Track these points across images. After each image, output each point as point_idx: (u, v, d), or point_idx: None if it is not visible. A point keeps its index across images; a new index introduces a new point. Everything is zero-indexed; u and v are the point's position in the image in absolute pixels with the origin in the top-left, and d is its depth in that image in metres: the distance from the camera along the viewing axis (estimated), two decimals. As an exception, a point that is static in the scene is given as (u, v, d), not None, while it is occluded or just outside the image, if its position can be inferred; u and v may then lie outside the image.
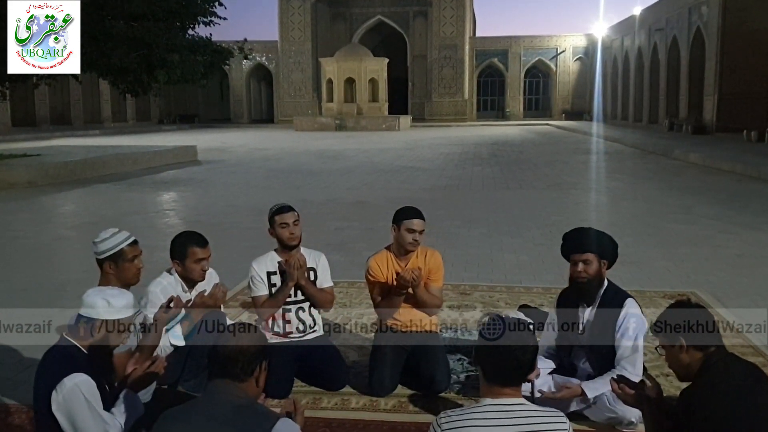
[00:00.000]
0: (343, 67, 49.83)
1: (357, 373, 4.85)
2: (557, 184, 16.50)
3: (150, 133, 45.13)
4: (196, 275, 4.27)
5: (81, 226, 11.50)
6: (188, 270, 4.25)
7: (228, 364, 2.52)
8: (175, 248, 4.28)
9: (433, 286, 4.72)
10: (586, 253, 4.11)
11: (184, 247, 4.24)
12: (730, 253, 8.90)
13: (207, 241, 4.33)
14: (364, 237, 10.00)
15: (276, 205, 4.74)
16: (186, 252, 4.22)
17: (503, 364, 2.53)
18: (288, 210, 4.66)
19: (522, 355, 2.53)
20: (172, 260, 4.31)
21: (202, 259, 4.24)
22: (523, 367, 2.56)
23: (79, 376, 2.92)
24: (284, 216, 4.63)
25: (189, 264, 4.23)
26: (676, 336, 3.05)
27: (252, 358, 2.55)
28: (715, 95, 33.86)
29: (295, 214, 4.68)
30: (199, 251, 4.23)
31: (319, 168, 21.03)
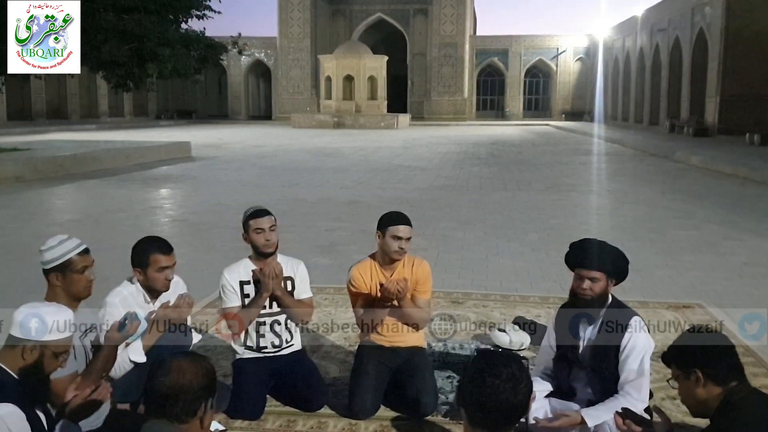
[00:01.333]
0: (342, 64, 49.44)
1: (337, 391, 4.46)
2: (556, 186, 16.12)
3: (146, 129, 44.75)
4: (159, 285, 3.88)
5: (64, 224, 11.11)
6: (151, 279, 3.86)
7: (167, 402, 2.14)
8: (136, 255, 3.89)
9: (420, 299, 4.33)
10: (595, 272, 3.71)
11: (146, 254, 3.85)
12: (737, 261, 8.53)
13: (171, 248, 3.94)
14: (356, 239, 9.60)
15: (251, 209, 4.33)
16: (148, 259, 3.83)
17: (491, 406, 2.13)
18: (264, 214, 4.26)
19: (513, 396, 2.14)
20: (133, 268, 3.92)
21: (165, 268, 3.85)
22: (514, 411, 2.16)
23: (5, 407, 2.53)
24: (259, 221, 4.23)
25: (151, 273, 3.84)
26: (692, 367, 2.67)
27: (196, 395, 2.17)
28: (717, 97, 33.48)
29: (271, 219, 4.28)
30: (162, 258, 3.84)
31: (314, 166, 20.64)
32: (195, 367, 2.21)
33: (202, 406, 2.19)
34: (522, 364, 2.23)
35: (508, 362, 2.18)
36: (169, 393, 2.14)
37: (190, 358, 2.27)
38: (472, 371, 2.18)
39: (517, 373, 2.16)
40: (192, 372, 2.19)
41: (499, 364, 2.16)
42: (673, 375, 2.79)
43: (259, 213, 4.26)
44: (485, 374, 2.14)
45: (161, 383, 2.15)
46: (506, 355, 2.29)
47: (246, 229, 4.27)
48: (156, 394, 2.15)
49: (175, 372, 2.17)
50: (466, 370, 2.25)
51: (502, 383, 2.12)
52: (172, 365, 2.19)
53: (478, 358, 2.26)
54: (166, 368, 2.19)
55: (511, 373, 2.14)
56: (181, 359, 2.23)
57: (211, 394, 2.23)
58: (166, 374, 2.16)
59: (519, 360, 2.27)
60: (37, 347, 2.66)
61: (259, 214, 4.24)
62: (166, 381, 2.15)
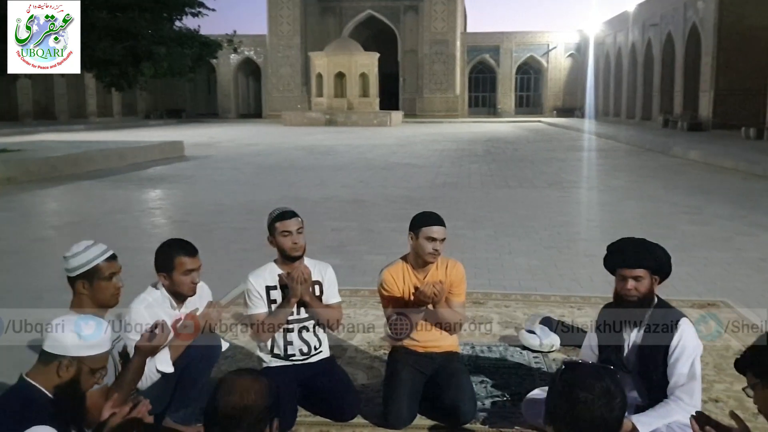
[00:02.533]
0: (333, 61, 49.23)
1: (368, 399, 4.28)
2: (558, 183, 15.98)
3: (136, 128, 44.36)
4: (185, 289, 3.71)
5: (62, 227, 10.88)
6: (176, 283, 3.68)
7: (230, 425, 1.96)
8: (161, 259, 3.71)
9: (454, 302, 4.16)
10: (638, 269, 3.55)
11: (171, 257, 3.67)
12: (753, 256, 8.40)
13: (197, 250, 3.77)
14: (365, 239, 9.43)
15: (276, 210, 4.13)
16: (173, 263, 3.66)
17: (584, 424, 1.96)
18: (291, 216, 4.06)
19: (608, 412, 1.96)
20: (157, 273, 3.74)
21: (191, 270, 3.68)
22: (608, 429, 1.99)
23: (41, 429, 2.34)
24: (286, 223, 4.03)
25: (177, 276, 3.67)
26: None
27: (261, 415, 1.99)
28: (711, 91, 33.48)
29: (298, 221, 4.08)
30: (188, 261, 3.67)
31: (311, 164, 20.44)
32: (259, 385, 2.03)
33: (267, 427, 2.02)
34: (615, 378, 2.06)
35: (601, 375, 2.01)
36: (233, 414, 1.96)
37: (253, 375, 2.09)
38: (561, 385, 2.01)
39: (611, 387, 1.99)
40: (256, 391, 2.01)
41: (591, 378, 1.99)
42: (749, 383, 2.62)
43: (286, 215, 4.06)
44: (576, 389, 1.97)
45: (225, 403, 1.97)
46: (597, 367, 2.12)
47: (272, 231, 4.07)
48: (219, 415, 1.97)
49: (238, 391, 1.99)
50: (552, 383, 2.08)
51: (596, 398, 1.96)
52: (236, 384, 2.01)
53: (567, 370, 2.08)
54: (229, 387, 2.00)
55: (605, 388, 1.97)
56: (244, 377, 2.05)
57: (276, 413, 2.06)
58: (230, 394, 1.98)
59: (612, 373, 2.09)
60: (74, 363, 2.47)
61: (286, 216, 4.05)
62: (230, 401, 1.97)
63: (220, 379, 2.07)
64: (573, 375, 2.03)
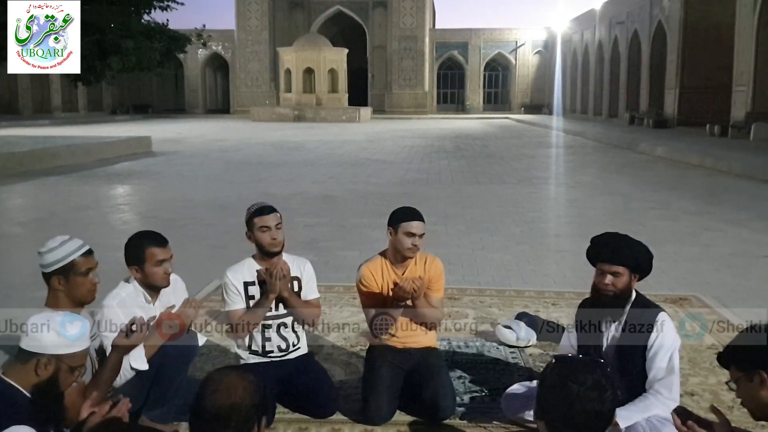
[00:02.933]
0: (302, 56, 48.98)
1: (346, 395, 4.25)
2: (528, 179, 16.08)
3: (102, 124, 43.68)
4: (158, 280, 3.65)
5: (29, 223, 10.68)
6: (149, 275, 3.62)
7: (218, 424, 1.92)
8: (131, 252, 3.64)
9: (433, 297, 4.14)
10: (617, 265, 3.57)
11: (141, 249, 3.61)
12: (722, 251, 8.53)
13: (167, 240, 3.71)
14: (337, 235, 9.40)
15: (254, 205, 4.07)
16: (144, 255, 3.60)
17: (576, 417, 1.95)
18: (269, 211, 4.01)
19: (600, 404, 1.97)
20: (128, 267, 3.67)
21: (163, 261, 3.63)
22: (600, 421, 1.99)
23: (19, 430, 2.28)
24: (265, 218, 3.98)
25: (149, 268, 3.61)
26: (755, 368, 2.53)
27: (249, 414, 1.95)
28: (676, 89, 33.93)
29: (277, 216, 4.03)
30: (158, 252, 3.61)
31: (280, 160, 20.32)
32: (246, 383, 1.99)
33: (255, 426, 1.98)
34: (606, 370, 2.07)
35: (592, 368, 2.01)
36: (220, 413, 1.92)
37: (239, 373, 2.04)
38: (552, 380, 2.01)
39: (603, 380, 1.99)
40: (244, 389, 1.97)
41: (583, 371, 1.99)
42: (732, 377, 2.64)
43: (264, 210, 4.01)
44: (568, 382, 1.97)
45: (211, 402, 1.93)
46: (588, 361, 2.13)
47: (250, 227, 4.02)
48: (205, 414, 1.93)
49: (225, 390, 1.95)
50: (543, 379, 2.08)
51: (588, 391, 1.96)
52: (222, 382, 1.96)
53: (558, 365, 2.08)
54: (216, 385, 1.96)
55: (596, 380, 1.98)
56: (231, 375, 2.01)
57: (264, 411, 2.02)
58: (217, 392, 1.94)
59: (602, 365, 2.10)
60: (52, 361, 2.41)
61: (264, 211, 4.00)
62: (216, 400, 1.93)
63: (206, 377, 2.03)
64: (564, 369, 2.03)
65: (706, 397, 4.34)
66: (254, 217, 3.98)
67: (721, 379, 4.60)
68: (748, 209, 11.60)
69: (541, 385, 2.08)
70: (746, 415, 4.04)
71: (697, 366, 4.77)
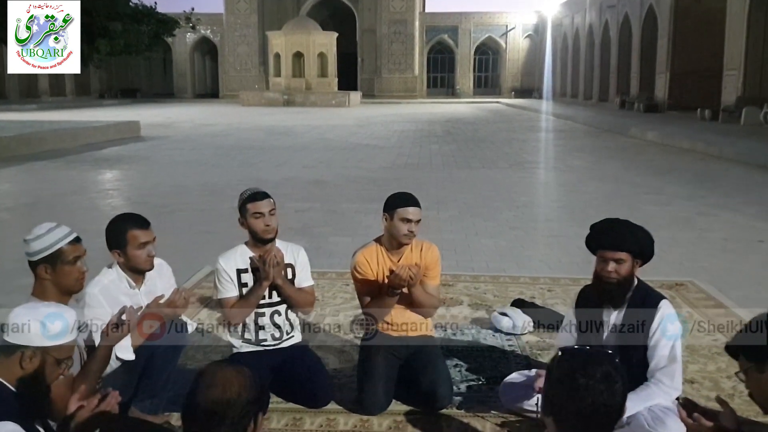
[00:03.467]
0: (291, 40, 48.57)
1: (341, 384, 4.18)
2: (519, 163, 16.01)
3: (90, 108, 43.27)
4: (141, 263, 3.53)
5: (15, 208, 10.53)
6: (131, 258, 3.50)
7: (212, 421, 1.82)
8: (112, 236, 3.52)
9: (429, 285, 4.05)
10: (619, 252, 3.48)
11: (122, 232, 3.49)
12: (716, 237, 8.49)
13: (148, 222, 3.59)
14: (329, 220, 9.30)
15: (248, 191, 3.96)
16: (125, 237, 3.48)
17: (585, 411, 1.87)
18: (263, 197, 3.90)
19: (610, 398, 1.89)
20: (110, 251, 3.55)
21: (146, 243, 3.50)
22: (611, 415, 1.92)
23: (5, 426, 2.18)
24: (258, 204, 3.87)
25: (131, 251, 3.49)
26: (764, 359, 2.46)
27: (245, 410, 1.86)
28: (667, 73, 33.85)
29: (271, 202, 3.93)
30: (140, 234, 3.49)
31: (270, 144, 20.15)
32: (242, 377, 1.89)
33: (251, 422, 1.89)
34: (615, 362, 1.98)
35: (600, 360, 1.93)
36: (215, 409, 1.82)
37: (235, 367, 1.94)
38: (559, 373, 1.93)
39: (612, 371, 1.91)
40: (239, 383, 1.87)
41: (591, 363, 1.92)
42: (741, 368, 2.57)
43: (258, 196, 3.90)
44: (576, 375, 1.89)
45: (206, 398, 1.83)
46: (596, 352, 2.04)
47: (243, 213, 3.91)
48: (199, 410, 1.83)
49: (220, 384, 1.85)
50: (549, 372, 1.99)
51: (597, 384, 1.88)
52: (217, 377, 1.87)
53: (565, 357, 1.99)
54: (210, 380, 1.86)
55: (606, 372, 1.90)
56: (226, 369, 1.91)
57: (261, 407, 1.93)
58: (211, 387, 1.84)
59: (611, 357, 2.02)
60: (38, 354, 2.31)
61: (258, 197, 3.89)
62: (211, 395, 1.83)
63: (199, 371, 1.93)
64: (571, 361, 1.95)
65: (706, 384, 4.29)
66: (247, 203, 3.88)
67: (721, 366, 4.56)
68: (740, 194, 11.57)
69: (547, 379, 2.00)
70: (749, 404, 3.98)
71: (696, 353, 4.71)
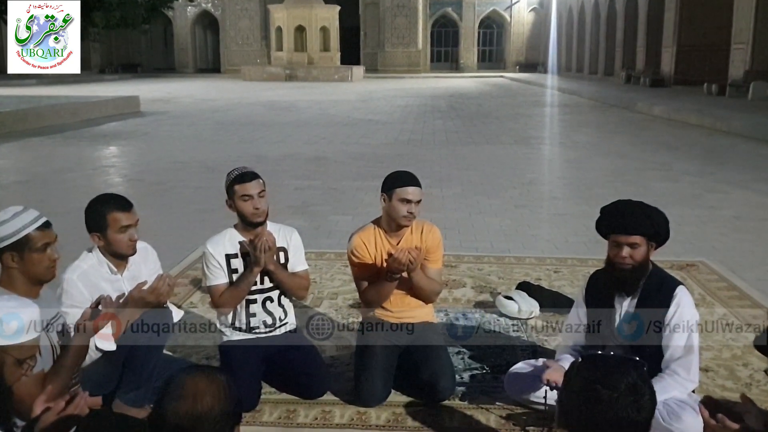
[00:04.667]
0: (293, 14, 47.96)
1: (338, 373, 3.98)
2: (524, 139, 15.72)
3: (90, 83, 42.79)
4: (123, 247, 3.32)
5: (10, 186, 10.28)
6: (112, 243, 3.30)
7: (181, 436, 1.61)
8: (91, 218, 3.31)
9: (431, 269, 3.83)
10: (634, 236, 3.24)
11: (103, 214, 3.28)
12: (726, 214, 8.24)
13: (131, 204, 3.38)
14: (329, 198, 9.07)
15: (235, 171, 3.71)
16: (105, 220, 3.27)
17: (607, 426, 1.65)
18: (251, 178, 3.65)
19: (636, 413, 1.66)
20: (90, 234, 3.34)
21: (128, 227, 3.30)
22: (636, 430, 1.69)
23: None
24: (246, 186, 3.62)
25: (112, 235, 3.28)
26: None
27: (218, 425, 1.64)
28: (673, 47, 33.34)
29: (260, 183, 3.68)
30: (122, 217, 3.28)
31: (271, 120, 19.86)
32: (215, 386, 1.67)
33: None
34: (643, 371, 1.75)
35: (626, 369, 1.71)
36: (184, 424, 1.61)
37: (207, 375, 1.72)
38: (579, 383, 1.70)
39: (639, 383, 1.68)
40: (213, 394, 1.65)
41: (615, 373, 1.69)
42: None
43: (246, 177, 3.65)
44: (598, 386, 1.66)
45: (174, 411, 1.61)
46: (621, 360, 1.81)
47: (230, 194, 3.67)
48: (166, 425, 1.62)
49: (190, 396, 1.63)
50: (569, 380, 1.76)
51: (621, 397, 1.65)
52: (186, 387, 1.64)
53: (585, 364, 1.77)
54: (179, 391, 1.64)
55: (632, 384, 1.67)
56: (197, 377, 1.68)
57: (237, 420, 1.71)
58: (180, 399, 1.63)
59: (638, 366, 1.79)
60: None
61: (246, 178, 3.64)
62: (180, 408, 1.62)
63: (167, 380, 1.71)
64: (593, 370, 1.72)
65: (721, 373, 4.08)
66: (234, 184, 3.64)
67: (736, 353, 4.35)
68: (751, 170, 11.30)
69: (565, 388, 1.77)
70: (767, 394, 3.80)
71: (710, 338, 4.48)
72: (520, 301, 4.83)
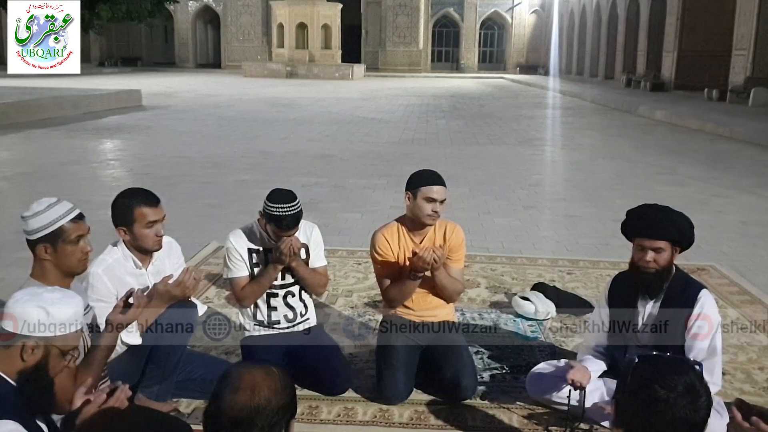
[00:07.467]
0: (295, 11, 47.91)
1: (357, 370, 3.99)
2: (528, 140, 15.74)
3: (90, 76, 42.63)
4: (149, 243, 3.32)
5: (14, 177, 10.27)
6: (138, 237, 3.29)
7: (238, 428, 1.61)
8: (119, 212, 3.30)
9: (453, 268, 3.83)
10: (659, 240, 3.26)
11: (130, 208, 3.26)
12: (734, 219, 8.27)
13: (158, 199, 3.36)
14: (336, 196, 9.06)
15: (276, 208, 3.55)
16: (133, 215, 3.26)
17: (663, 426, 1.66)
18: (293, 225, 3.61)
19: (693, 413, 1.67)
20: (116, 228, 3.33)
21: (154, 222, 3.29)
22: (693, 430, 1.70)
23: (5, 426, 1.97)
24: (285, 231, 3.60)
25: (138, 230, 3.27)
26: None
27: (276, 417, 1.65)
28: (674, 52, 33.38)
29: (297, 217, 3.62)
30: (149, 212, 3.27)
31: (273, 117, 19.85)
32: (272, 379, 1.67)
33: (282, 431, 1.67)
34: (698, 372, 1.76)
35: (683, 370, 1.71)
36: (242, 416, 1.61)
37: (264, 368, 1.72)
38: (636, 382, 1.71)
39: (696, 383, 1.69)
40: (270, 387, 1.65)
41: (672, 373, 1.70)
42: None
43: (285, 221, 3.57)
44: (655, 386, 1.67)
45: (231, 404, 1.62)
46: (678, 361, 1.83)
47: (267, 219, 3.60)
48: (224, 418, 1.62)
49: (248, 388, 1.63)
50: (625, 380, 1.77)
51: (679, 397, 1.66)
52: (244, 379, 1.64)
53: (642, 366, 1.77)
54: (236, 383, 1.64)
55: (689, 385, 1.68)
56: (254, 370, 1.68)
57: (293, 414, 1.72)
58: (237, 392, 1.63)
59: (693, 367, 1.80)
60: (41, 346, 2.08)
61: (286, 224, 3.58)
62: (237, 401, 1.62)
63: (224, 373, 1.71)
64: (650, 370, 1.73)
65: (738, 376, 4.10)
66: (271, 221, 3.58)
67: (752, 357, 4.38)
68: (755, 175, 11.34)
69: (620, 389, 1.78)
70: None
71: (725, 342, 4.46)
72: (537, 302, 4.84)
